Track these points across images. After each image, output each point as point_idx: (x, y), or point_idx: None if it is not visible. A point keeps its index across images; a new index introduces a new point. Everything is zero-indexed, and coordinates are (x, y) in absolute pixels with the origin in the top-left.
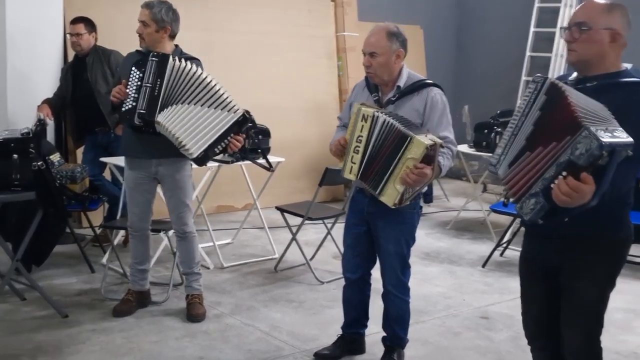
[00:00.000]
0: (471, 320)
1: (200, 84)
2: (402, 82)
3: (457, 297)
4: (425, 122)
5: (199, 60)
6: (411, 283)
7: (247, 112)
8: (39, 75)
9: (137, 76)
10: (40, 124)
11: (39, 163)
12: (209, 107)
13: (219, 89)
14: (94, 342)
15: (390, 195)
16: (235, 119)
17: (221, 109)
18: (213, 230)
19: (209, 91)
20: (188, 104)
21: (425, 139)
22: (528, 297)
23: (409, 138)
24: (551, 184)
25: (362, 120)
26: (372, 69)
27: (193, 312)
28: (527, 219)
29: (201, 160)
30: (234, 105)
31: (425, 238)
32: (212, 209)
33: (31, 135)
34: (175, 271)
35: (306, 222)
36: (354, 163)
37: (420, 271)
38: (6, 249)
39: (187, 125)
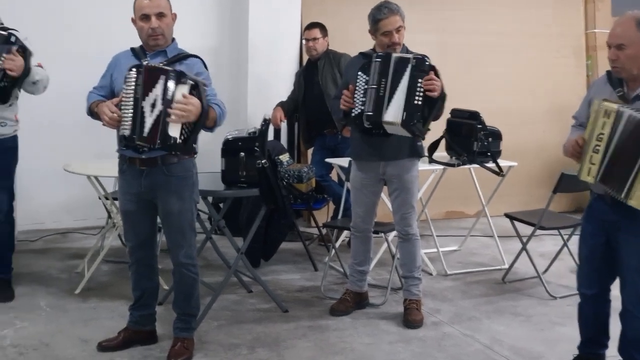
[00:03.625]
0: None
1: (401, 63)
2: None
3: None
4: None
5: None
6: None
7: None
8: (276, 79)
9: (364, 79)
10: (266, 124)
11: (262, 161)
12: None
13: None
14: (309, 339)
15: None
16: (410, 65)
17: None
18: (439, 236)
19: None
20: (398, 89)
21: None
22: None
23: None
24: None
25: (604, 117)
26: (619, 63)
27: (410, 318)
28: None
29: (406, 122)
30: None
31: None
32: (440, 214)
33: (257, 134)
34: (394, 275)
35: (541, 232)
36: (593, 164)
37: None
38: (233, 243)
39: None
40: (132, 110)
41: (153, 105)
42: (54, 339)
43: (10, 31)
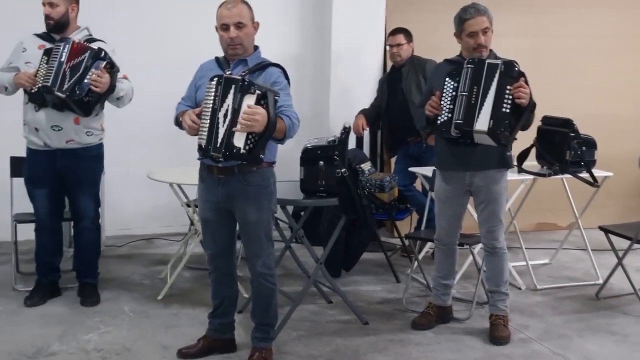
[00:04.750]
0: None
1: (490, 70)
2: None
3: None
4: None
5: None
6: None
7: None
8: (359, 86)
9: (452, 86)
10: (345, 132)
11: (342, 170)
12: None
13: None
14: (390, 352)
15: None
16: (499, 70)
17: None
18: (529, 248)
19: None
20: (487, 96)
21: None
22: None
23: None
24: None
25: None
26: None
27: (496, 334)
28: None
29: (493, 129)
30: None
31: None
32: (530, 226)
33: (337, 143)
34: (480, 288)
35: (638, 246)
36: None
37: None
38: (312, 252)
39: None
40: (209, 121)
41: (225, 116)
42: (136, 344)
43: (99, 42)
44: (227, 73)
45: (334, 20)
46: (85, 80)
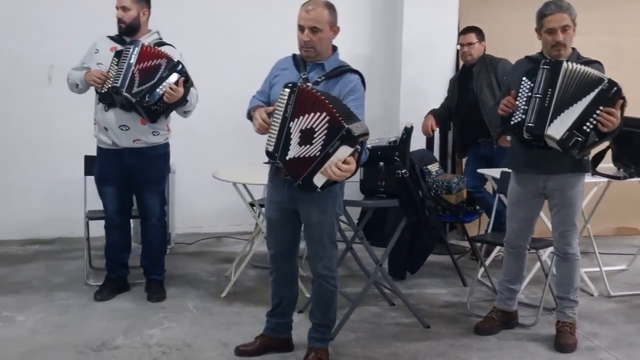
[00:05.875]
0: None
1: (590, 83)
2: None
3: None
4: None
5: (599, 64)
6: None
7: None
8: (430, 86)
9: (528, 86)
10: (407, 133)
11: (402, 171)
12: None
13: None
14: (450, 357)
15: None
16: (600, 87)
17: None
18: (603, 254)
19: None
20: (573, 105)
21: None
22: None
23: None
24: None
25: None
26: None
27: (561, 341)
28: None
29: (564, 142)
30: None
31: None
32: (610, 230)
33: (397, 143)
34: (548, 294)
35: None
36: None
37: None
38: (372, 254)
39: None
40: (278, 128)
41: (312, 133)
42: (197, 340)
43: (168, 47)
44: (302, 76)
45: (405, 19)
46: (158, 90)
